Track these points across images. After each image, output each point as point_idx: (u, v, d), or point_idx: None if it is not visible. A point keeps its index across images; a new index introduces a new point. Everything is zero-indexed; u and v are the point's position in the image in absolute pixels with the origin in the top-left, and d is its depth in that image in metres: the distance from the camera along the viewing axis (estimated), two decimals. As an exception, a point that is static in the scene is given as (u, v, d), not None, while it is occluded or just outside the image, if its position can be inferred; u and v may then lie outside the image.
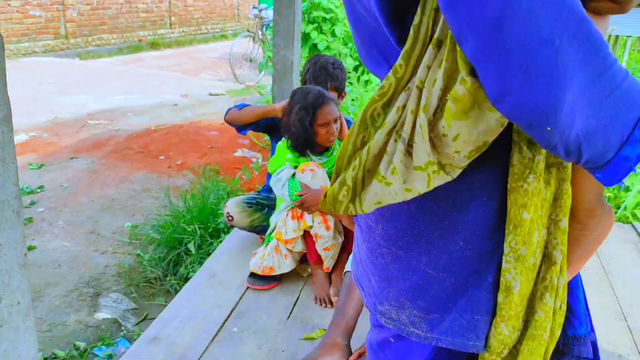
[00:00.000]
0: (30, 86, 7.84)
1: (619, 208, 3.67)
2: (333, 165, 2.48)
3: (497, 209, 0.80)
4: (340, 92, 2.71)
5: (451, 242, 0.82)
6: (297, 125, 2.38)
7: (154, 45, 13.08)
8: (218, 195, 3.53)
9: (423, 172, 0.72)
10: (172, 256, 3.12)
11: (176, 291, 2.80)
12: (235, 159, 4.68)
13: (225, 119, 2.74)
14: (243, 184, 3.95)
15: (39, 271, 3.02)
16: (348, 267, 2.10)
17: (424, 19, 0.69)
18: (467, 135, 0.68)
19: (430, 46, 0.68)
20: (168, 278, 2.98)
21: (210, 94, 7.83)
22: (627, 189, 4.02)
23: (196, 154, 4.76)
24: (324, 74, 2.63)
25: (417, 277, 0.86)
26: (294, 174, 2.41)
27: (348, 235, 2.44)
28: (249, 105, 2.72)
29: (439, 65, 0.67)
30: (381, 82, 0.79)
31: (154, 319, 2.34)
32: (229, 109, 2.72)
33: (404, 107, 0.73)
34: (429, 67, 0.69)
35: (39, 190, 4.04)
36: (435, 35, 0.67)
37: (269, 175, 2.87)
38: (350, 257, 2.11)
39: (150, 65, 10.72)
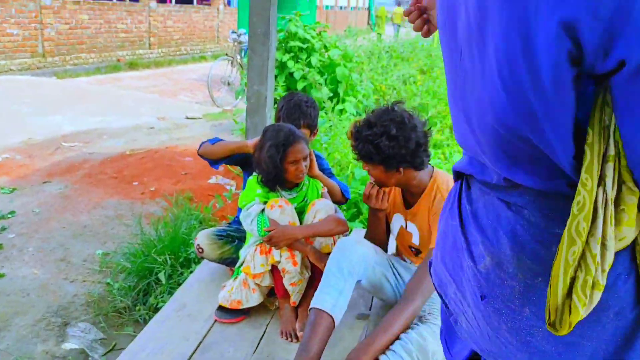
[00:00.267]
0: (5, 105, 7.81)
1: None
2: (302, 201, 2.57)
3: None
4: (312, 129, 2.79)
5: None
6: (268, 162, 2.45)
7: (132, 65, 13.11)
8: (190, 225, 3.57)
9: None
10: (142, 285, 3.15)
11: (145, 321, 2.83)
12: (209, 186, 4.73)
13: (198, 153, 2.80)
14: (216, 213, 3.99)
15: (7, 300, 3.02)
16: (314, 303, 2.16)
17: (595, 138, 0.74)
18: (631, 237, 0.77)
19: (607, 161, 0.74)
20: (137, 308, 3.00)
21: (187, 117, 7.88)
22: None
23: (170, 180, 4.79)
24: (298, 112, 2.71)
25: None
26: (263, 210, 2.47)
27: (315, 271, 2.50)
28: (223, 140, 2.79)
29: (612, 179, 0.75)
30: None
31: (122, 349, 2.37)
32: (203, 143, 2.79)
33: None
34: (607, 179, 0.75)
35: (10, 215, 4.03)
36: (610, 153, 0.74)
37: (239, 207, 2.94)
38: (317, 293, 2.18)
39: (128, 85, 10.74)
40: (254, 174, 2.59)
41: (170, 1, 15.59)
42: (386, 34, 25.35)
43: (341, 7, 30.74)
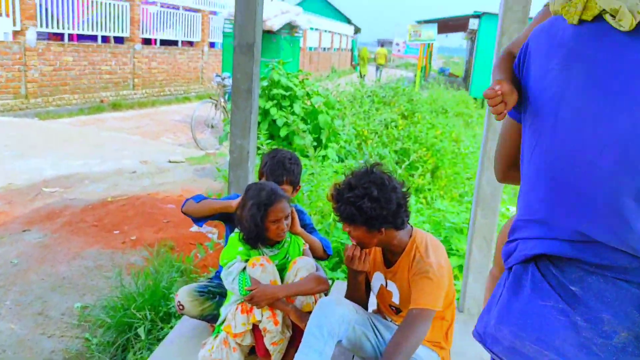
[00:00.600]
0: (-15, 149, 7.76)
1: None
2: (283, 258, 2.58)
3: None
4: (295, 185, 2.83)
5: None
6: (249, 221, 2.47)
7: (115, 106, 13.15)
8: (171, 277, 3.55)
9: None
10: (121, 341, 3.10)
11: (124, 380, 2.78)
12: (191, 234, 4.72)
13: (182, 211, 2.81)
14: (197, 263, 3.97)
15: (-19, 357, 2.96)
16: (294, 363, 2.16)
17: None
18: None
19: None
20: (116, 365, 2.95)
21: (170, 161, 7.88)
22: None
23: (152, 229, 4.77)
24: (281, 169, 2.75)
25: None
26: (244, 268, 2.48)
27: (296, 330, 2.49)
28: (207, 198, 2.80)
29: None
30: None
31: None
32: (187, 200, 2.80)
33: None
34: None
35: (-13, 266, 3.97)
36: None
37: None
38: (297, 354, 2.18)
39: (111, 126, 10.76)
40: (236, 230, 2.61)
41: (155, 42, 15.76)
42: (369, 75, 25.80)
43: (324, 49, 31.31)
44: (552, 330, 1.08)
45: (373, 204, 2.10)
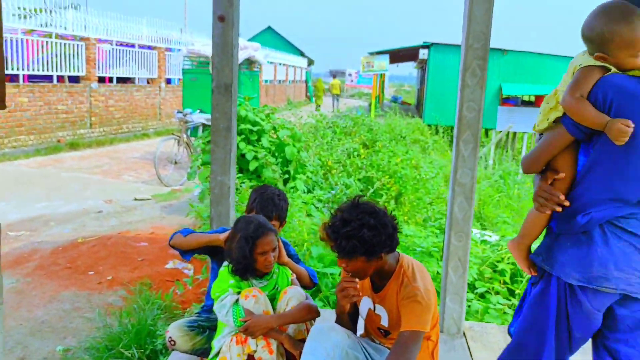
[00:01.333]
0: (-58, 195, 7.55)
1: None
2: (273, 288, 2.68)
3: None
4: (282, 220, 2.94)
5: None
6: (238, 253, 2.56)
7: (73, 146, 12.98)
8: (154, 315, 3.57)
9: None
10: (108, 382, 3.11)
11: (115, 420, 2.78)
12: (167, 271, 4.73)
13: (170, 244, 2.88)
14: (178, 300, 4.00)
15: (-35, 408, 2.90)
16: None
17: None
18: None
19: None
20: (105, 406, 2.95)
21: (136, 199, 7.85)
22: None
23: (127, 268, 4.77)
24: (271, 205, 2.86)
25: None
26: (237, 300, 2.56)
27: (290, 358, 2.58)
28: (194, 232, 2.89)
29: None
30: None
31: None
32: (175, 234, 2.88)
33: None
34: None
35: (-40, 314, 3.89)
36: None
37: (208, 296, 3.00)
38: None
39: (70, 166, 10.61)
40: (225, 264, 2.69)
41: (111, 81, 15.69)
42: (324, 105, 26.23)
43: (279, 81, 31.70)
44: (634, 260, 1.76)
45: (372, 232, 2.22)
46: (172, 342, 2.75)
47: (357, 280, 2.42)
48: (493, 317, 3.83)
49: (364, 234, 2.21)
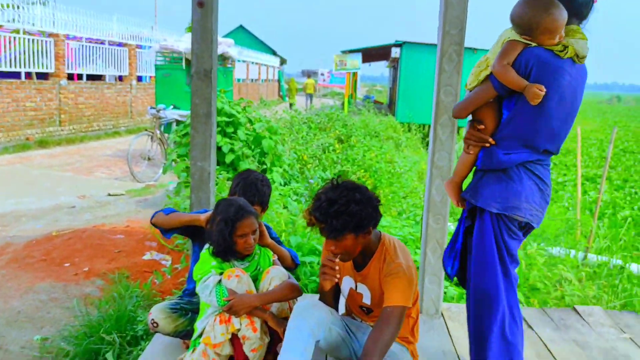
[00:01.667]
0: None
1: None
2: (255, 269, 2.70)
3: None
4: (264, 206, 2.96)
5: None
6: (218, 235, 2.58)
7: (42, 144, 12.73)
8: (134, 302, 3.55)
9: None
10: (88, 368, 3.09)
11: (97, 405, 2.77)
12: (145, 262, 4.70)
13: (151, 222, 2.89)
14: (157, 289, 3.99)
15: (-58, 396, 2.86)
16: (277, 366, 2.27)
17: None
18: None
19: None
20: (86, 392, 2.93)
21: (110, 195, 7.76)
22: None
23: (103, 260, 4.72)
24: (254, 189, 2.88)
25: None
26: (219, 280, 2.58)
27: (273, 336, 2.61)
28: (177, 211, 2.89)
29: None
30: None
31: None
32: (157, 212, 2.88)
33: None
34: None
35: None
36: None
37: (190, 279, 3.01)
38: (280, 356, 2.30)
39: (39, 164, 10.42)
40: (206, 246, 2.71)
41: (81, 78, 15.45)
42: (298, 104, 26.26)
43: (252, 80, 31.60)
44: (536, 196, 2.26)
45: (360, 206, 2.27)
46: (155, 324, 2.75)
47: (337, 260, 2.46)
48: (469, 300, 3.92)
49: (353, 208, 2.26)
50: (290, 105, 26.43)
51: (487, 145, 2.27)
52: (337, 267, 2.46)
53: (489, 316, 2.34)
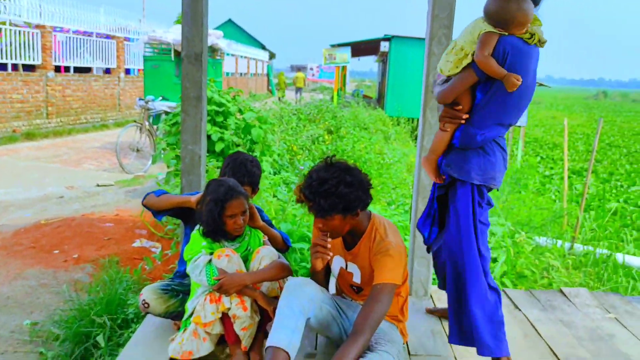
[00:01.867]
0: None
1: (490, 276, 4.18)
2: (245, 250, 2.71)
3: None
4: (254, 187, 2.97)
5: None
6: (207, 216, 2.60)
7: (29, 136, 12.62)
8: (125, 286, 3.56)
9: None
10: (78, 351, 3.09)
11: (88, 386, 2.78)
12: (134, 249, 4.70)
13: (142, 203, 2.89)
14: (147, 274, 3.99)
15: None
16: (269, 342, 2.29)
17: None
18: None
19: None
20: (77, 374, 2.94)
21: (98, 185, 7.73)
22: (495, 260, 4.61)
23: (93, 247, 4.71)
24: (243, 170, 2.89)
25: None
26: (210, 260, 2.59)
27: (264, 315, 2.63)
28: (167, 193, 2.90)
29: None
30: None
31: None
32: (148, 194, 2.89)
33: None
34: None
35: None
36: None
37: (181, 262, 3.02)
38: (271, 332, 2.32)
39: (27, 156, 10.34)
40: (197, 227, 2.72)
41: (68, 70, 15.32)
42: (287, 98, 26.25)
43: (241, 74, 31.50)
44: (502, 164, 2.54)
45: (350, 188, 2.29)
46: (146, 305, 2.75)
47: (328, 239, 2.48)
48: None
49: (342, 190, 2.28)
50: (279, 99, 26.42)
51: (462, 122, 2.47)
52: (329, 246, 2.49)
53: (470, 276, 2.53)
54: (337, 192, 2.29)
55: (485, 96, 2.44)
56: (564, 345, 2.88)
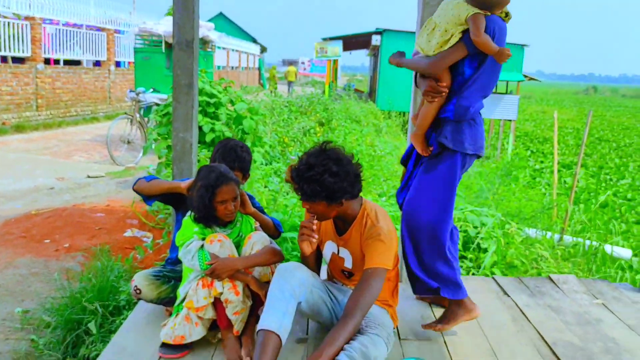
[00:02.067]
0: None
1: (479, 267, 4.23)
2: (237, 236, 2.72)
3: None
4: (245, 172, 2.98)
5: None
6: (198, 201, 2.60)
7: (19, 129, 12.53)
8: (116, 274, 3.56)
9: None
10: (70, 338, 3.10)
11: (79, 372, 2.79)
12: (126, 239, 4.70)
13: (133, 188, 2.90)
14: (139, 263, 3.99)
15: None
16: (260, 325, 2.31)
17: None
18: None
19: None
20: (68, 360, 2.95)
21: (89, 177, 7.70)
22: (485, 250, 4.64)
23: (84, 236, 4.71)
24: (233, 155, 2.90)
25: None
26: (202, 245, 2.60)
27: (256, 300, 2.65)
28: (158, 178, 2.90)
29: None
30: None
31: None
32: (139, 179, 2.89)
33: None
34: None
35: None
36: None
37: (173, 248, 3.02)
38: (262, 316, 2.33)
39: (16, 148, 10.27)
40: (189, 213, 2.73)
41: (58, 63, 15.20)
42: (279, 91, 26.21)
43: (232, 67, 31.39)
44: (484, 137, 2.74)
45: (334, 179, 2.31)
46: (138, 291, 2.76)
47: (315, 223, 2.50)
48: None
49: (326, 179, 2.29)
50: (271, 92, 26.37)
51: (444, 94, 2.64)
52: (314, 228, 2.51)
53: (444, 238, 2.75)
54: (320, 179, 2.31)
55: (477, 71, 2.61)
56: (552, 330, 2.93)
